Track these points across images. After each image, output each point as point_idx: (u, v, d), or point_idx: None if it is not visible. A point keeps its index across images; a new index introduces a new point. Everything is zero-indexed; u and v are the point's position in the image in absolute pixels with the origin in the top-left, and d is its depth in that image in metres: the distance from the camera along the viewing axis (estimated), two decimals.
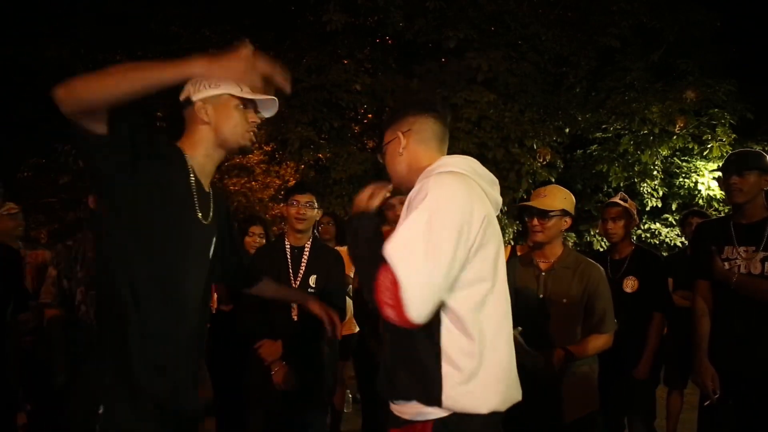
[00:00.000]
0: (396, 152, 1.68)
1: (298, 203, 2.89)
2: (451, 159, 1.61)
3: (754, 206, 2.58)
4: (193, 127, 1.71)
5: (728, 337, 2.57)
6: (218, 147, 1.72)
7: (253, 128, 1.75)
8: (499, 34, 7.71)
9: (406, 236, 1.39)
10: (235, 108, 1.70)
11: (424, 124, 1.68)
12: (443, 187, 1.44)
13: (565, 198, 2.58)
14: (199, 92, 1.70)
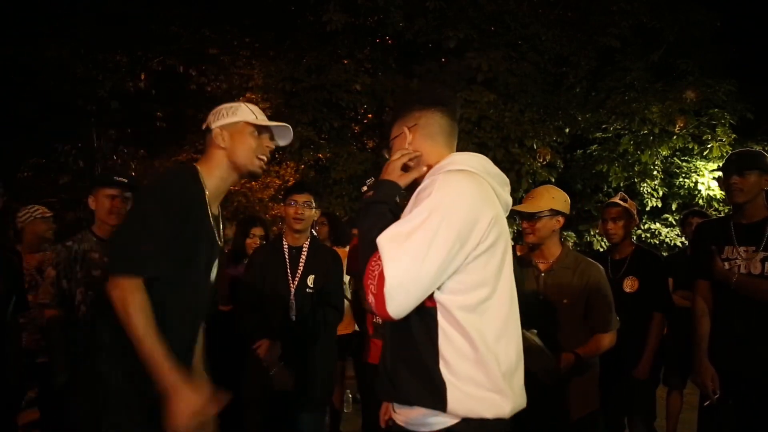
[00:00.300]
0: (403, 144, 1.64)
1: (296, 203, 2.88)
2: (462, 156, 1.57)
3: (754, 206, 2.57)
4: (210, 151, 1.86)
5: (728, 337, 2.57)
6: (232, 170, 1.86)
7: (265, 154, 1.88)
8: (499, 34, 7.71)
9: (400, 231, 1.36)
10: (249, 134, 1.85)
11: (431, 119, 1.63)
12: (450, 186, 1.41)
13: (554, 197, 2.57)
14: (218, 120, 1.86)
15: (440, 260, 1.34)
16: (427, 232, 1.34)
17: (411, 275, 1.32)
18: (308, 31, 8.32)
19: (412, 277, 1.32)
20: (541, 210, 2.52)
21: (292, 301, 2.85)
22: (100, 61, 9.03)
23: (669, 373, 4.06)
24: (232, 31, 9.06)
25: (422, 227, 1.34)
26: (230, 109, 1.89)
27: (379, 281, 1.32)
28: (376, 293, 1.33)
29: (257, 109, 1.93)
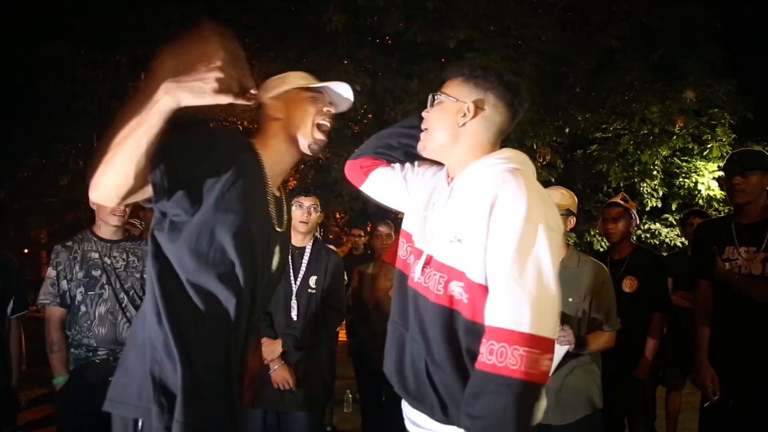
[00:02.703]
0: (454, 117, 1.44)
1: (302, 206, 2.91)
2: (512, 153, 1.44)
3: (755, 206, 2.56)
4: (265, 126, 1.65)
5: (729, 338, 2.56)
6: (291, 145, 1.63)
7: (326, 120, 1.65)
8: (498, 34, 7.71)
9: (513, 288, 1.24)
10: (305, 100, 1.64)
11: (500, 116, 1.45)
12: (537, 196, 1.30)
13: (569, 198, 2.61)
14: (268, 92, 1.66)
15: (553, 270, 1.28)
16: (534, 255, 1.26)
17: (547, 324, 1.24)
18: (308, 31, 8.31)
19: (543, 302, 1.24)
20: (560, 209, 2.53)
21: (294, 302, 2.87)
22: (100, 61, 9.02)
23: (668, 373, 4.06)
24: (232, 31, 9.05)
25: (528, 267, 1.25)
26: (278, 79, 1.68)
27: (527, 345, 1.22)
28: (534, 357, 1.21)
29: (306, 75, 1.72)
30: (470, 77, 1.45)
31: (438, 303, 1.38)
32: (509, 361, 1.21)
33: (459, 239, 1.35)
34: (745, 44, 9.36)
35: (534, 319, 1.21)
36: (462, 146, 1.44)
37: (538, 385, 1.22)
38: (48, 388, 5.21)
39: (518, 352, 1.20)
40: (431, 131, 1.48)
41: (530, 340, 1.20)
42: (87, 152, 11.89)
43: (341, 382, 5.16)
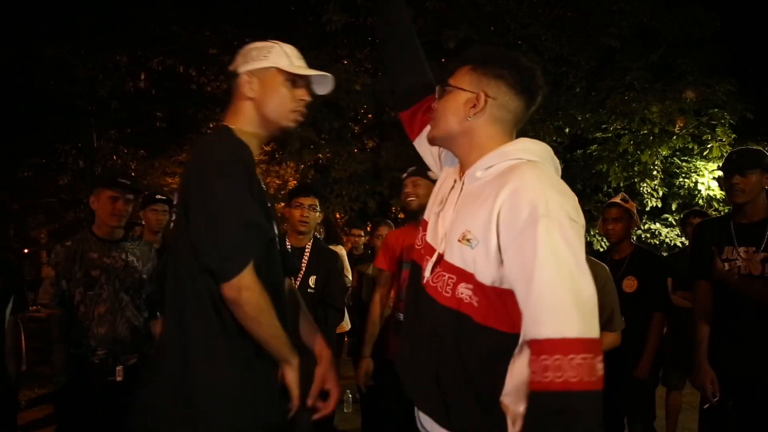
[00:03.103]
0: (462, 109, 1.35)
1: (301, 206, 2.91)
2: (531, 144, 1.33)
3: (755, 206, 2.54)
4: (237, 103, 1.59)
5: (728, 339, 2.55)
6: (260, 126, 1.58)
7: (300, 107, 1.59)
8: (498, 34, 7.71)
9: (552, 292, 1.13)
10: (282, 84, 1.56)
11: (513, 104, 1.35)
12: (555, 190, 1.20)
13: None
14: (247, 63, 1.58)
15: (584, 261, 1.17)
16: (575, 256, 1.15)
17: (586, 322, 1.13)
18: (308, 31, 8.31)
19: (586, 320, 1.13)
20: None
21: None
22: (100, 61, 9.03)
23: (668, 373, 4.06)
24: (232, 31, 9.05)
25: (569, 258, 1.14)
26: (261, 50, 1.58)
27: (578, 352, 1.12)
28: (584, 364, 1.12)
29: (292, 51, 1.62)
30: (480, 64, 1.37)
31: (447, 305, 1.31)
32: (568, 374, 1.11)
33: (468, 239, 1.26)
34: (745, 44, 9.36)
35: (580, 322, 1.11)
36: (473, 139, 1.35)
37: (599, 393, 1.15)
38: (48, 388, 5.21)
39: (575, 362, 1.11)
40: (441, 122, 1.39)
41: (582, 344, 1.11)
42: (87, 152, 11.92)
43: (341, 382, 5.15)
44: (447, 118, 1.37)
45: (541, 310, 1.13)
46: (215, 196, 1.39)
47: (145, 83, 10.48)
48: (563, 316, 1.11)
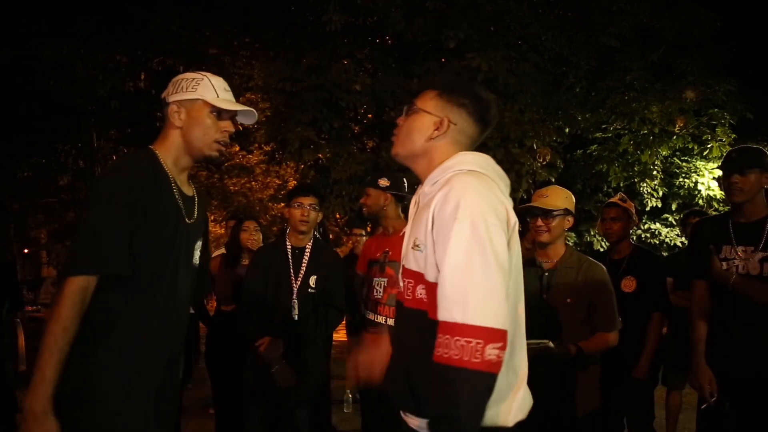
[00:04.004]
0: (426, 130, 1.50)
1: (301, 205, 2.91)
2: (470, 156, 1.49)
3: (753, 205, 2.52)
4: (166, 130, 1.71)
5: (726, 339, 2.54)
6: (186, 154, 1.70)
7: (224, 138, 1.70)
8: (499, 34, 7.71)
9: (460, 281, 1.29)
10: (207, 116, 1.68)
11: (470, 130, 1.52)
12: (475, 193, 1.35)
13: (567, 197, 2.60)
14: (176, 94, 1.70)
15: (505, 267, 1.33)
16: (484, 251, 1.30)
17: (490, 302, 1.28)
18: (308, 31, 8.32)
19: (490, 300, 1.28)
20: (557, 208, 2.53)
21: (295, 301, 2.87)
22: (100, 61, 9.03)
23: (668, 373, 4.06)
24: (232, 31, 9.06)
25: (478, 252, 1.30)
26: (191, 81, 1.70)
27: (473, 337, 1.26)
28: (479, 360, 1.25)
29: (220, 83, 1.72)
30: (445, 92, 1.52)
31: (409, 307, 1.46)
32: (453, 351, 1.26)
33: (417, 245, 1.43)
34: (745, 44, 9.36)
35: (472, 311, 1.27)
36: (432, 158, 1.50)
37: (483, 374, 1.26)
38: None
39: (459, 343, 1.26)
40: (405, 140, 1.53)
41: (470, 330, 1.26)
42: (87, 152, 11.92)
43: (341, 382, 5.16)
44: (412, 136, 1.52)
45: (442, 296, 1.31)
46: (90, 205, 1.55)
47: (145, 83, 10.48)
48: (456, 303, 1.29)
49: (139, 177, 1.57)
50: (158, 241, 1.61)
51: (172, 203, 1.65)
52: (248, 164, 13.10)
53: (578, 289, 2.49)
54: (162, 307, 1.63)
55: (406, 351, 1.47)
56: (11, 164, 12.23)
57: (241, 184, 13.27)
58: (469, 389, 1.26)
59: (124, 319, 1.56)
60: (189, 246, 1.73)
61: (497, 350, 1.27)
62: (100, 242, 1.51)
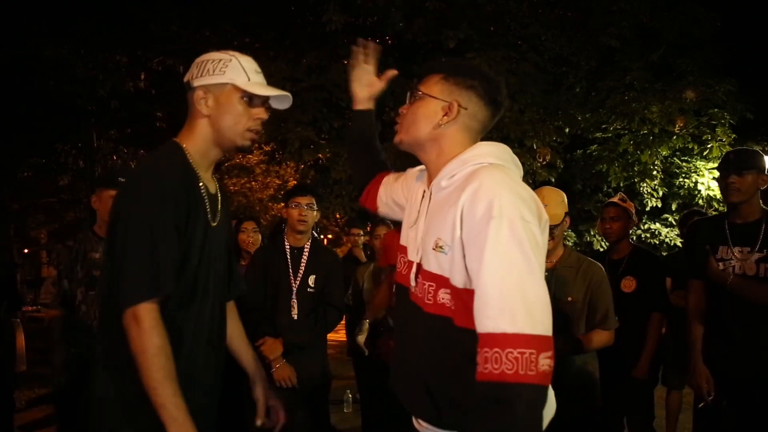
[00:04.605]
0: (434, 117, 1.39)
1: (299, 205, 2.92)
2: (488, 147, 1.39)
3: (750, 206, 2.55)
4: (192, 119, 1.55)
5: (722, 339, 2.55)
6: (215, 145, 1.55)
7: (256, 126, 1.55)
8: (498, 34, 7.71)
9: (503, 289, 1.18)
10: (239, 101, 1.51)
11: (482, 114, 1.41)
12: (508, 190, 1.24)
13: (562, 201, 2.61)
14: (201, 77, 1.52)
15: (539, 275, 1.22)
16: (526, 257, 1.20)
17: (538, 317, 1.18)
18: (308, 31, 8.31)
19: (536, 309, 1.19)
20: (560, 219, 2.53)
21: (294, 301, 2.88)
22: (100, 61, 9.02)
23: (668, 372, 4.06)
24: (232, 31, 9.04)
25: (520, 258, 1.19)
26: (218, 62, 1.52)
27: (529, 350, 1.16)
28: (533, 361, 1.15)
29: (251, 65, 1.56)
30: (451, 74, 1.41)
31: (430, 312, 1.36)
32: (505, 366, 1.15)
33: (440, 246, 1.32)
34: (745, 44, 9.36)
35: (522, 318, 1.16)
36: (441, 146, 1.40)
37: (538, 387, 1.16)
38: (48, 388, 5.21)
39: (512, 355, 1.15)
40: (410, 128, 1.43)
41: (522, 340, 1.15)
42: (87, 152, 11.92)
43: (341, 382, 5.16)
44: (418, 124, 1.40)
45: (485, 306, 1.20)
46: (127, 222, 1.41)
47: (145, 83, 10.47)
48: (503, 312, 1.17)
49: (171, 190, 1.44)
50: (192, 254, 1.50)
51: (200, 209, 1.53)
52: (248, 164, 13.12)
53: (578, 289, 2.50)
54: (194, 314, 1.53)
55: (427, 359, 1.37)
56: (11, 164, 12.23)
57: (241, 184, 13.28)
58: (527, 406, 1.15)
59: None
60: (216, 249, 1.61)
61: (549, 359, 1.17)
62: (156, 262, 1.39)
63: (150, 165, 1.56)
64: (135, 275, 1.39)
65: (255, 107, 1.54)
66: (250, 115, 1.53)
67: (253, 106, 1.53)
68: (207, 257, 1.55)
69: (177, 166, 1.49)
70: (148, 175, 1.49)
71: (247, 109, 1.52)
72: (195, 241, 1.50)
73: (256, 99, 1.54)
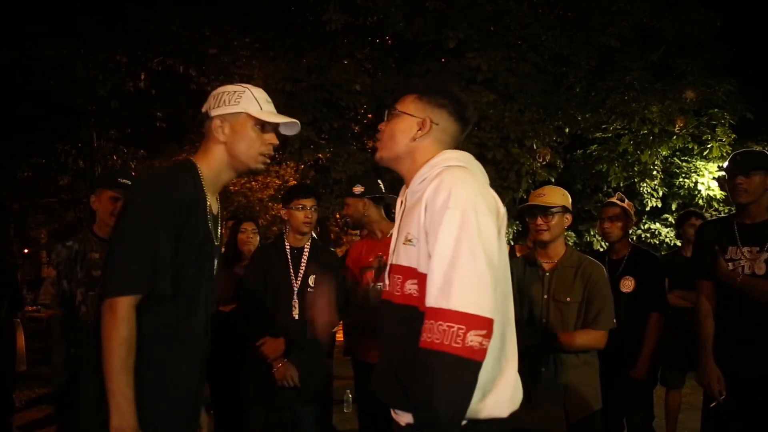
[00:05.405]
0: (409, 132, 1.55)
1: (305, 207, 2.92)
2: (454, 153, 1.54)
3: (758, 206, 2.57)
4: (209, 144, 1.70)
5: (732, 339, 2.56)
6: (230, 168, 1.71)
7: (268, 151, 1.71)
8: (498, 34, 7.70)
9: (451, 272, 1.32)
10: (252, 129, 1.67)
11: (452, 129, 1.58)
12: (465, 184, 1.40)
13: (563, 195, 2.62)
14: (218, 108, 1.68)
15: (494, 254, 1.35)
16: (471, 243, 1.33)
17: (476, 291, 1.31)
18: (308, 31, 8.31)
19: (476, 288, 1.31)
20: (555, 205, 2.53)
21: (296, 301, 2.89)
22: (100, 61, 9.03)
23: (667, 372, 4.06)
24: (232, 31, 9.06)
25: (465, 244, 1.33)
26: (233, 94, 1.68)
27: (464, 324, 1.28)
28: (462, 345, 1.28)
29: (262, 96, 1.72)
30: (424, 94, 1.57)
31: (399, 303, 1.48)
32: (434, 336, 1.29)
33: (409, 240, 1.45)
34: (745, 44, 9.35)
35: (457, 296, 1.29)
36: (416, 158, 1.54)
37: (463, 359, 1.27)
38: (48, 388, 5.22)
39: (442, 327, 1.28)
40: (388, 144, 1.58)
41: (452, 315, 1.28)
42: (87, 152, 11.92)
43: (341, 382, 5.16)
44: (396, 137, 1.56)
45: (430, 283, 1.35)
46: (130, 220, 1.54)
47: (145, 83, 10.48)
48: (441, 290, 1.31)
49: (180, 199, 1.57)
50: (190, 263, 1.60)
51: (203, 225, 1.65)
52: None
53: (577, 289, 2.50)
54: (192, 326, 1.64)
55: (396, 348, 1.47)
56: (11, 164, 12.23)
57: (241, 184, 13.26)
58: (448, 375, 1.27)
59: (158, 340, 1.56)
60: (211, 265, 1.73)
61: (480, 337, 1.28)
62: (147, 261, 1.50)
63: (164, 172, 1.76)
64: (120, 269, 1.51)
65: (267, 133, 1.70)
66: (263, 140, 1.69)
67: (265, 132, 1.69)
68: (209, 273, 1.70)
69: (189, 181, 1.62)
70: (159, 180, 1.64)
71: (260, 135, 1.69)
72: (197, 254, 1.63)
73: (268, 126, 1.70)
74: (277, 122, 1.69)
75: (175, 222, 1.54)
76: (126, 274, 1.49)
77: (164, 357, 1.57)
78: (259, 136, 1.68)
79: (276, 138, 1.72)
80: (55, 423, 2.95)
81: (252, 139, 1.67)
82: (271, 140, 1.70)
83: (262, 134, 1.69)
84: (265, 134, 1.69)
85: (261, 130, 1.68)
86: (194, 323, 1.64)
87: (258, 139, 1.68)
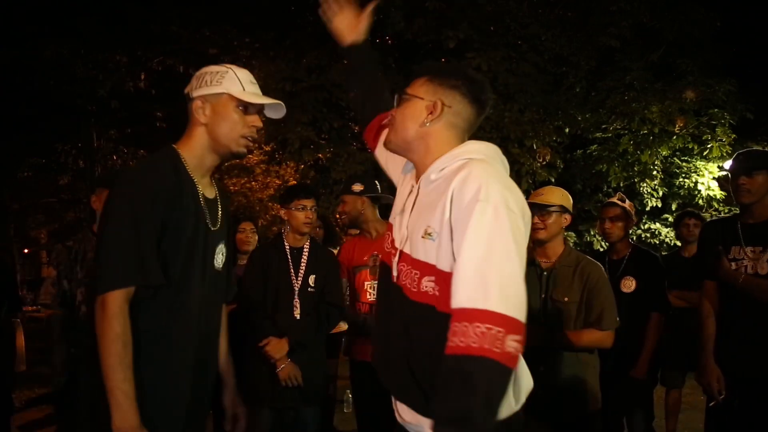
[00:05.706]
0: (420, 116, 1.45)
1: (305, 208, 2.93)
2: (478, 145, 1.45)
3: (761, 206, 2.57)
4: (191, 127, 1.64)
5: (734, 338, 2.56)
6: (212, 151, 1.64)
7: (251, 133, 1.64)
8: (498, 34, 7.71)
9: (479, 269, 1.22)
10: (234, 110, 1.60)
11: (466, 112, 1.46)
12: (496, 180, 1.30)
13: (563, 195, 2.62)
14: (200, 88, 1.62)
15: (520, 258, 1.27)
16: (504, 242, 1.25)
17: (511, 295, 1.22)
18: (308, 31, 8.32)
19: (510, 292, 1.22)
20: (553, 204, 2.53)
21: (297, 300, 2.89)
22: (100, 61, 9.03)
23: (667, 372, 4.06)
24: (232, 31, 9.06)
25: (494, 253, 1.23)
26: (215, 74, 1.61)
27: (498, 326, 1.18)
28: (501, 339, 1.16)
29: (246, 76, 1.65)
30: (435, 76, 1.47)
31: (415, 300, 1.39)
32: (470, 339, 1.16)
33: (429, 234, 1.36)
34: (745, 44, 9.36)
35: (495, 296, 1.18)
36: (428, 143, 1.45)
37: (501, 366, 1.16)
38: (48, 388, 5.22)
39: (479, 330, 1.16)
40: (398, 128, 1.49)
41: (491, 317, 1.17)
42: (87, 152, 11.93)
43: (341, 382, 5.16)
44: (405, 123, 1.47)
45: (461, 281, 1.23)
46: (111, 216, 1.50)
47: (145, 83, 10.48)
48: (477, 288, 1.20)
49: (158, 187, 1.52)
50: (178, 252, 1.56)
51: (193, 211, 1.60)
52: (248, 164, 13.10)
53: (576, 288, 2.49)
54: (183, 319, 1.58)
55: (408, 344, 1.40)
56: (11, 164, 12.24)
57: (241, 184, 13.25)
58: (488, 382, 1.15)
59: (147, 335, 1.52)
60: (208, 253, 1.67)
61: (517, 343, 1.18)
62: (133, 254, 1.47)
63: (141, 165, 1.77)
64: (108, 265, 1.48)
65: (250, 115, 1.63)
66: (245, 122, 1.62)
67: (248, 114, 1.63)
68: (203, 259, 1.63)
69: (168, 168, 1.57)
70: (136, 173, 1.60)
71: (242, 117, 1.61)
72: (187, 243, 1.58)
73: (251, 107, 1.63)
74: (260, 103, 1.63)
75: (154, 211, 1.50)
76: (113, 269, 1.47)
77: (151, 353, 1.52)
78: (242, 118, 1.61)
79: (259, 120, 1.65)
80: (55, 423, 2.95)
81: (234, 121, 1.61)
82: (254, 122, 1.64)
83: (245, 116, 1.62)
84: (248, 116, 1.63)
85: (244, 112, 1.62)
86: (185, 316, 1.58)
87: (240, 121, 1.61)
